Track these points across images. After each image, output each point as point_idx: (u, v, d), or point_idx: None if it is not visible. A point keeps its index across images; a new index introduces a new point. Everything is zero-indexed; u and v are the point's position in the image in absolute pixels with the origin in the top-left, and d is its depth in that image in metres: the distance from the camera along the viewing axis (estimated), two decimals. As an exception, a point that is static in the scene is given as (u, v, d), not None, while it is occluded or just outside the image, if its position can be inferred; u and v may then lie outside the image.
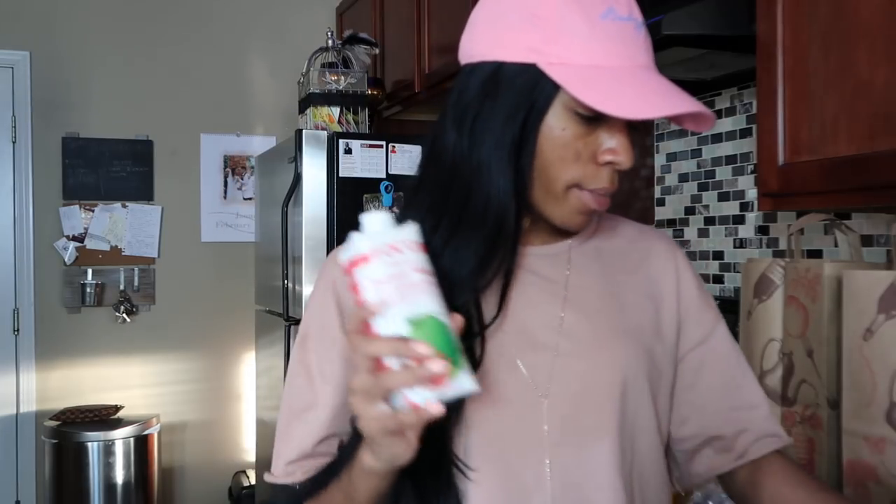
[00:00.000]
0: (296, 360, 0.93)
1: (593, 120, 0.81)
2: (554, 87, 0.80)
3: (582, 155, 0.82)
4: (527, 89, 0.80)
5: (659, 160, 2.34)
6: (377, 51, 3.19)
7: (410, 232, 0.72)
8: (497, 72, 0.82)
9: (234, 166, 3.92)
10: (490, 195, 0.83)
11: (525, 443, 0.85)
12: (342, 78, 3.02)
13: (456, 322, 0.71)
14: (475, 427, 0.84)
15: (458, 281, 0.81)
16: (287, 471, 0.91)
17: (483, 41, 0.84)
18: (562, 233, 0.94)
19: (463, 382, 0.69)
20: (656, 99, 0.78)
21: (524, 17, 0.80)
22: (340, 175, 2.71)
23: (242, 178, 3.93)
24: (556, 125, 0.81)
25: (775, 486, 0.92)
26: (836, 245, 1.73)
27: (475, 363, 0.82)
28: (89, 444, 3.30)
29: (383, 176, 2.76)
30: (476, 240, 0.83)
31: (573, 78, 0.78)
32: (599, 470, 0.85)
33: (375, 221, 0.72)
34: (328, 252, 2.66)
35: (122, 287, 3.74)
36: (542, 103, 0.80)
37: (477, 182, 0.83)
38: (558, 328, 0.89)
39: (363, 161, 2.75)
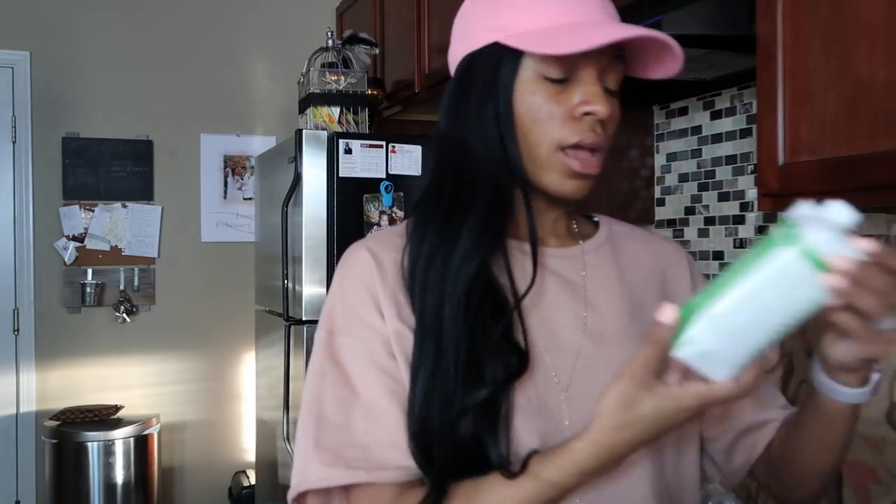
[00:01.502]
0: (320, 359, 0.89)
1: (562, 81, 0.85)
2: (517, 57, 0.85)
3: (556, 115, 0.85)
4: (494, 66, 0.87)
5: (659, 160, 2.34)
6: (377, 51, 3.19)
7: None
8: (469, 62, 0.89)
9: (234, 166, 3.92)
10: (478, 166, 0.87)
11: (549, 440, 0.84)
12: (342, 78, 3.02)
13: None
14: (517, 422, 0.83)
15: (463, 256, 0.84)
16: (325, 475, 0.84)
17: (457, 46, 0.92)
18: (574, 235, 0.96)
19: None
20: (599, 34, 0.81)
21: (487, 7, 0.88)
22: (340, 175, 2.71)
23: (242, 178, 3.93)
24: (525, 91, 0.86)
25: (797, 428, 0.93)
26: (836, 245, 1.73)
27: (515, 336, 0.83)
28: (89, 444, 3.30)
29: (383, 176, 2.76)
30: (474, 212, 0.86)
31: (530, 41, 0.84)
32: (627, 469, 0.85)
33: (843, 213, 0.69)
34: (328, 252, 2.66)
35: (122, 287, 3.74)
36: (508, 74, 0.86)
37: (467, 160, 0.88)
38: (581, 328, 0.90)
39: (363, 161, 2.75)
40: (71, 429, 3.34)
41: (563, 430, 0.86)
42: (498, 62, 0.86)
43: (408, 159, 2.80)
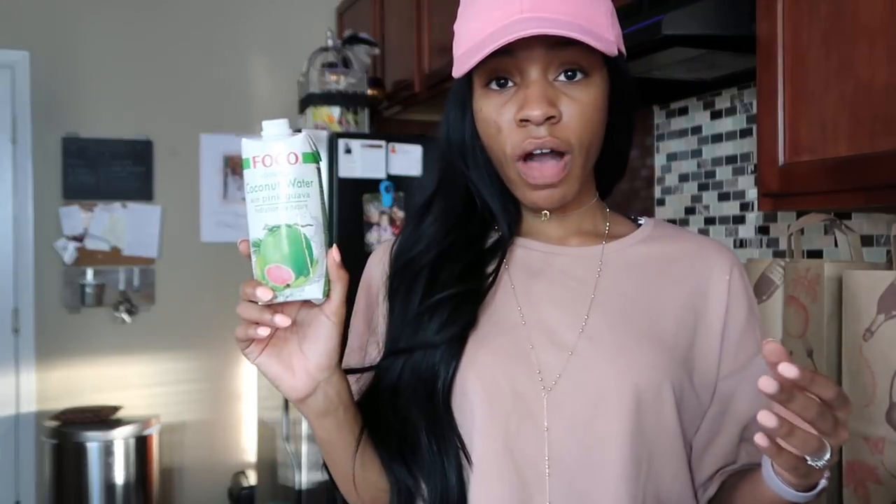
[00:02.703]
0: None
1: (502, 87, 0.86)
2: (469, 73, 0.87)
3: (502, 126, 0.86)
4: (457, 88, 0.91)
5: (659, 160, 2.34)
6: (377, 51, 3.19)
7: (297, 144, 0.77)
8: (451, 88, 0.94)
9: (233, 166, 3.92)
10: (456, 182, 0.93)
11: (526, 439, 0.84)
12: (342, 78, 3.02)
13: (334, 252, 0.78)
14: (482, 412, 0.85)
15: (425, 246, 0.91)
16: None
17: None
18: (597, 236, 0.96)
19: (308, 291, 0.77)
20: (504, 35, 0.80)
21: (457, 19, 0.90)
22: (340, 175, 2.71)
23: (242, 178, 3.93)
24: (477, 108, 0.88)
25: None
26: (836, 245, 1.73)
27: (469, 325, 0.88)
28: (89, 444, 3.30)
29: (383, 176, 2.76)
30: (445, 217, 0.92)
31: (457, 64, 0.85)
32: (607, 477, 0.83)
33: (272, 127, 0.77)
34: (327, 251, 2.66)
35: (122, 287, 3.74)
36: (465, 91, 0.89)
37: (449, 174, 0.94)
38: (580, 330, 0.88)
39: (363, 161, 2.75)
40: (71, 429, 3.34)
41: (541, 433, 0.84)
42: (458, 85, 0.89)
43: (408, 159, 2.80)
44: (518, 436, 0.84)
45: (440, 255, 0.91)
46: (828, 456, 0.71)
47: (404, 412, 0.87)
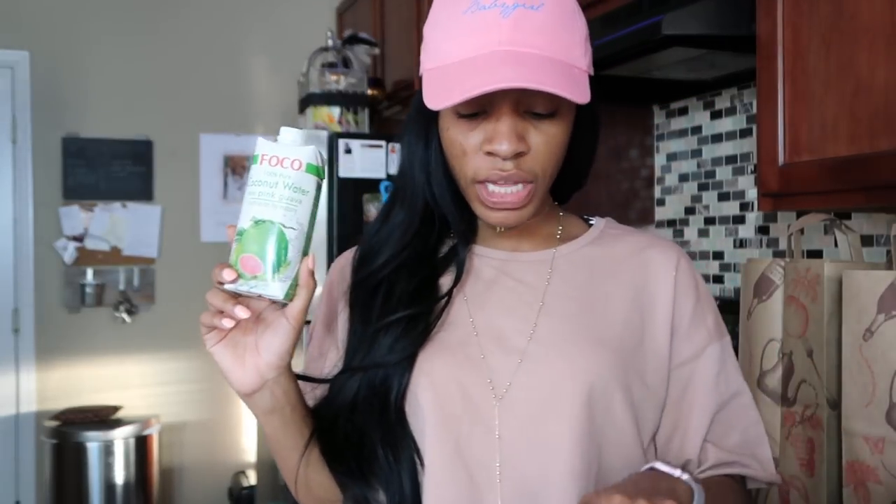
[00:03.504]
0: None
1: (473, 116, 0.84)
2: None
3: (468, 150, 0.86)
4: (422, 101, 0.86)
5: (659, 160, 2.34)
6: (377, 51, 3.19)
7: (305, 153, 0.81)
8: (419, 87, 0.91)
9: (233, 166, 3.92)
10: (415, 192, 0.94)
11: (477, 443, 0.86)
12: (342, 78, 3.02)
13: (309, 260, 0.81)
14: (434, 420, 0.87)
15: (378, 253, 0.93)
16: None
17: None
18: (550, 240, 0.96)
19: (272, 288, 0.79)
20: (457, 91, 0.79)
21: (425, 34, 0.89)
22: (340, 175, 2.71)
23: (242, 178, 3.93)
24: (443, 127, 0.88)
25: None
26: (836, 245, 1.73)
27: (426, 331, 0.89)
28: (89, 444, 3.30)
29: (383, 176, 2.76)
30: (404, 229, 0.94)
31: (426, 82, 0.84)
32: (557, 478, 0.85)
33: (288, 134, 0.82)
34: (328, 252, 2.66)
35: (122, 287, 3.74)
36: (429, 110, 0.85)
37: (409, 183, 0.94)
38: (530, 334, 0.90)
39: (363, 161, 2.75)
40: (71, 429, 3.34)
41: (492, 437, 0.86)
42: (422, 99, 0.88)
43: (408, 159, 2.79)
44: (469, 441, 0.86)
45: (398, 269, 0.93)
46: None
47: (360, 425, 0.89)
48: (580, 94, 0.81)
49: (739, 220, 2.05)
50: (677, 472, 0.79)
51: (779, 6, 1.36)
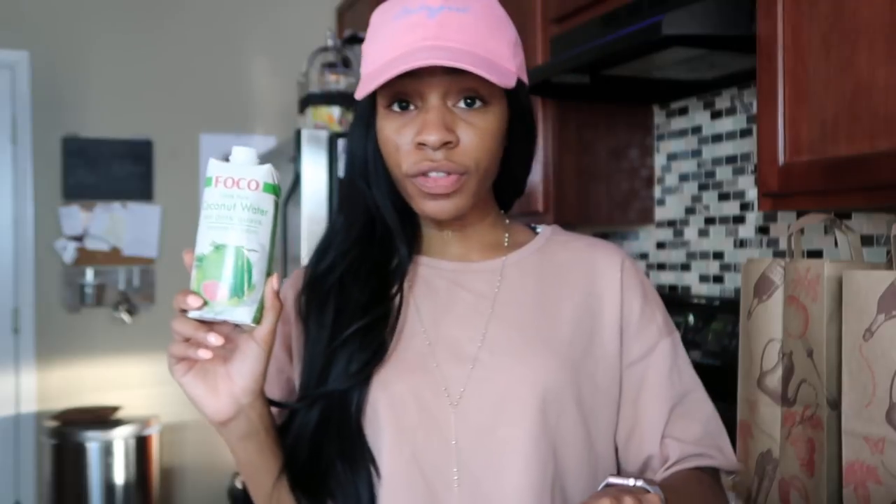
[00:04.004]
0: None
1: (404, 111, 0.88)
2: (370, 99, 0.91)
3: (400, 146, 0.88)
4: (361, 108, 0.94)
5: (659, 160, 2.34)
6: (377, 51, 3.18)
7: (261, 173, 0.79)
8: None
9: (234, 166, 3.92)
10: (356, 198, 0.96)
11: (434, 451, 0.88)
12: (342, 78, 3.02)
13: (273, 281, 0.80)
14: (391, 430, 0.88)
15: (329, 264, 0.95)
16: None
17: None
18: (497, 249, 0.98)
19: (238, 313, 0.78)
20: (401, 67, 0.83)
21: None
22: (340, 175, 2.70)
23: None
24: (379, 127, 0.91)
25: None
26: (836, 245, 1.73)
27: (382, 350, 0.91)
28: (89, 444, 3.31)
29: (383, 176, 2.76)
30: (346, 234, 0.95)
31: (360, 84, 0.88)
32: (513, 482, 0.87)
33: (241, 154, 0.80)
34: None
35: (121, 287, 3.74)
36: (369, 108, 0.92)
37: (352, 190, 0.97)
38: (481, 342, 0.91)
39: (363, 161, 2.74)
40: (71, 429, 3.34)
41: (448, 444, 0.88)
42: (363, 100, 0.92)
43: (408, 159, 2.79)
44: (426, 448, 0.88)
45: (344, 276, 0.94)
46: None
47: (319, 441, 0.90)
48: (502, 80, 0.85)
49: (739, 220, 2.05)
50: (631, 482, 0.80)
51: (779, 6, 1.36)
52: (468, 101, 0.87)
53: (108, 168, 3.73)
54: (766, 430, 1.45)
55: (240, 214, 0.78)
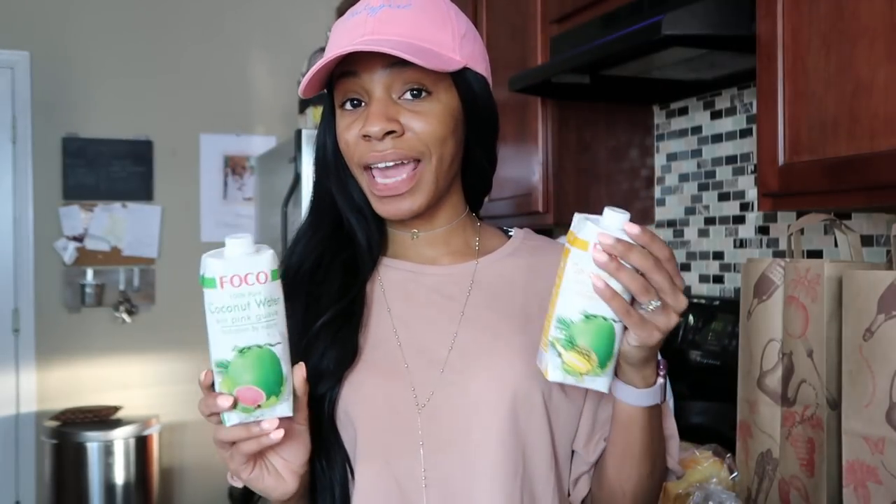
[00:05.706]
0: None
1: (350, 111, 0.92)
2: (330, 100, 0.95)
3: (350, 141, 0.91)
4: (325, 109, 0.98)
5: (659, 160, 2.34)
6: (377, 51, 3.18)
7: (265, 262, 0.75)
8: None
9: (233, 166, 3.92)
10: (322, 198, 0.99)
11: (403, 452, 0.89)
12: (342, 78, 3.02)
13: (300, 369, 0.80)
14: (363, 432, 0.89)
15: (301, 271, 0.96)
16: None
17: None
18: (468, 252, 0.99)
19: (279, 410, 0.76)
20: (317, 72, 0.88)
21: None
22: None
23: (242, 178, 3.93)
24: (337, 122, 0.94)
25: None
26: (836, 245, 1.73)
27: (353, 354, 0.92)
28: (89, 444, 3.31)
29: (383, 176, 2.76)
30: (314, 231, 0.98)
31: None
32: (483, 484, 0.88)
33: (236, 245, 0.75)
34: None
35: (122, 287, 3.74)
36: (329, 115, 0.96)
37: (318, 191, 1.00)
38: (451, 345, 0.92)
39: (363, 161, 2.74)
40: (71, 429, 3.34)
41: (416, 447, 0.89)
42: (326, 101, 0.96)
43: (408, 159, 2.79)
44: (396, 451, 0.89)
45: (314, 272, 0.96)
46: (658, 304, 0.77)
47: None
48: (439, 65, 0.87)
49: (739, 220, 2.05)
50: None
51: (779, 6, 1.36)
52: (414, 92, 0.89)
53: (108, 168, 3.73)
54: (766, 429, 1.45)
55: (256, 312, 0.74)
